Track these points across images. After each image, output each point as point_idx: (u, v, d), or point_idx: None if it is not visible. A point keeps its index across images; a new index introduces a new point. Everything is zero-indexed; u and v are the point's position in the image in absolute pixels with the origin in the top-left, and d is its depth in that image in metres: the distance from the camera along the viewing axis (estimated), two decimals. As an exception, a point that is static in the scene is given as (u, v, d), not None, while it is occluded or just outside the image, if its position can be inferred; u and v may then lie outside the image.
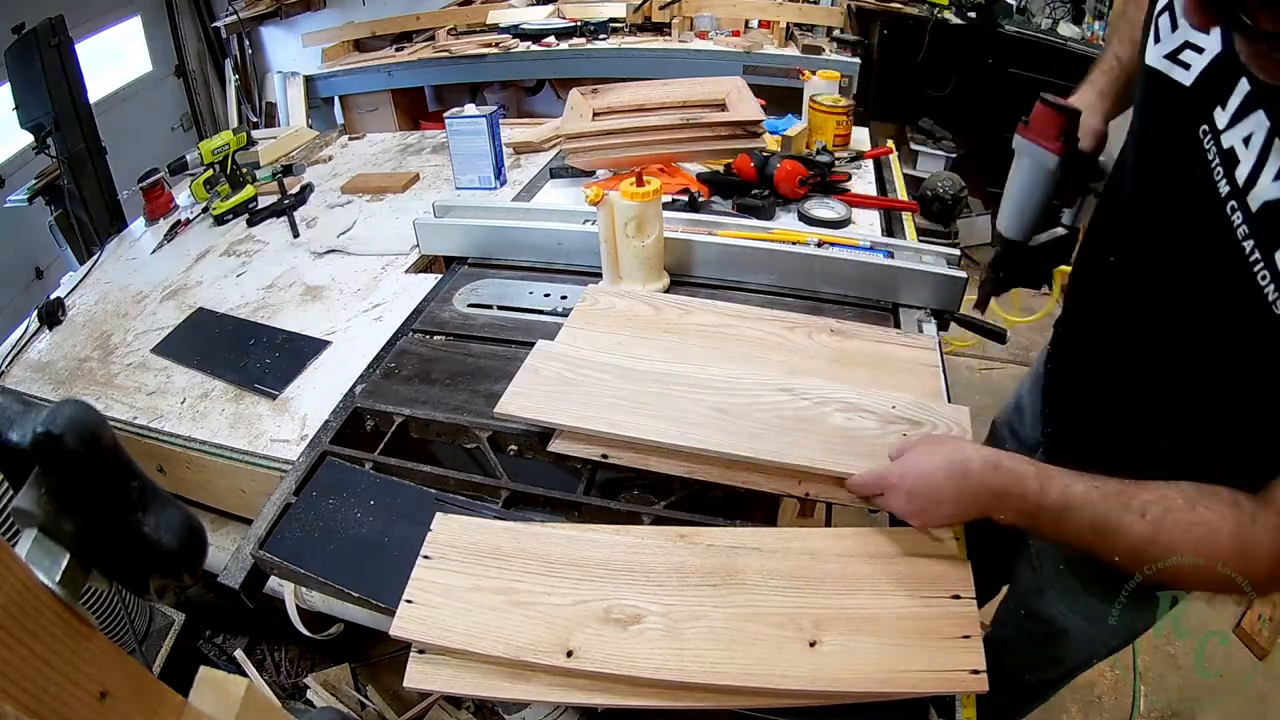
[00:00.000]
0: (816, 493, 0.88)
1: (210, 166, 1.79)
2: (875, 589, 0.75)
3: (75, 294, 1.63)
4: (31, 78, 1.86)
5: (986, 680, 0.67)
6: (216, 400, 1.21)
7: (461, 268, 1.40)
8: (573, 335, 1.09)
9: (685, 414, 0.92)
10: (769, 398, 0.95)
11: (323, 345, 1.29)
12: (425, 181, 1.93)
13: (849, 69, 2.89)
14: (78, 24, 2.25)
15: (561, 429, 0.95)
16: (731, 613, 0.73)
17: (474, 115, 1.73)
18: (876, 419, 0.91)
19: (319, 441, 1.02)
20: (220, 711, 0.39)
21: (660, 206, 1.19)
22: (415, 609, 0.74)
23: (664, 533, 0.83)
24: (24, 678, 0.29)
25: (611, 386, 0.97)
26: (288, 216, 1.76)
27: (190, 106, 3.79)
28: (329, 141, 2.32)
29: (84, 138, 1.97)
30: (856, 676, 0.68)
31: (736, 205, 1.55)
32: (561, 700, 0.72)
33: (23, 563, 0.31)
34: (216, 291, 1.52)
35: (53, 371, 1.37)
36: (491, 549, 0.80)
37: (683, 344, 1.08)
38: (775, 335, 1.10)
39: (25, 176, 2.23)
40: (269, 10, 3.65)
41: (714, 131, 1.63)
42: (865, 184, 1.70)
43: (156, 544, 0.36)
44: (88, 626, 0.33)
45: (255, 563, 0.87)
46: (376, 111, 3.55)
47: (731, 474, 0.90)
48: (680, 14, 3.22)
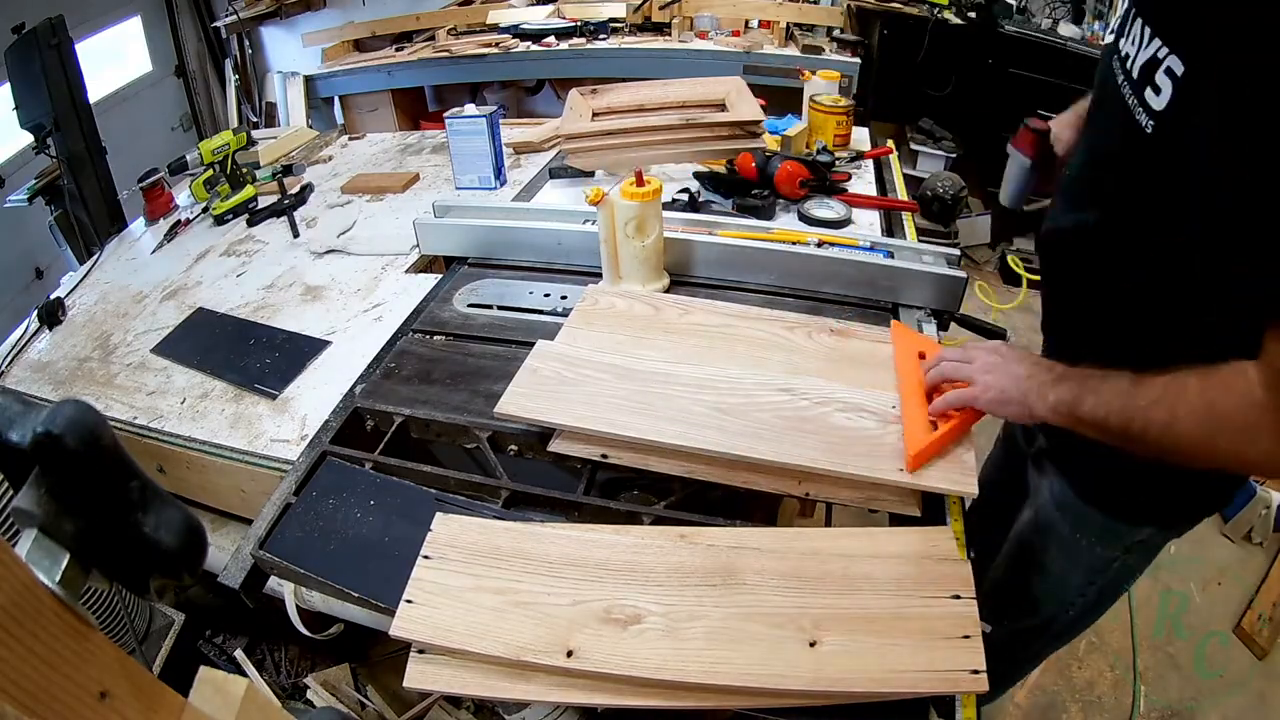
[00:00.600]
0: (816, 493, 0.88)
1: (210, 166, 1.79)
2: (875, 589, 0.75)
3: (75, 294, 1.63)
4: (31, 78, 1.87)
5: (986, 680, 0.67)
6: (216, 400, 1.21)
7: (461, 268, 1.40)
8: (572, 335, 1.09)
9: (685, 414, 0.92)
10: (769, 398, 0.95)
11: (323, 345, 1.29)
12: (425, 181, 1.93)
13: (849, 69, 2.89)
14: (78, 24, 2.25)
15: (561, 429, 0.95)
16: (731, 613, 0.73)
17: (474, 115, 1.73)
18: (876, 419, 0.91)
19: (319, 441, 1.02)
20: (220, 711, 0.39)
21: (660, 206, 1.19)
22: (415, 609, 0.75)
23: (664, 533, 0.83)
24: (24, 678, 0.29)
25: (611, 386, 0.97)
26: (288, 216, 1.76)
27: (190, 106, 3.80)
28: (329, 141, 2.32)
29: (84, 138, 1.98)
30: (856, 676, 0.68)
31: (736, 205, 1.55)
32: (561, 700, 0.72)
33: (23, 563, 0.31)
34: (216, 291, 1.52)
35: (53, 371, 1.37)
36: (491, 549, 0.80)
37: (682, 344, 1.08)
38: (775, 335, 1.09)
39: (25, 176, 2.24)
40: (269, 10, 3.65)
41: (714, 131, 1.63)
42: (865, 184, 1.70)
43: (156, 544, 0.36)
44: (88, 626, 0.33)
45: (255, 563, 0.87)
46: (376, 111, 3.55)
47: (731, 474, 0.90)
48: (680, 14, 3.22)
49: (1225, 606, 2.02)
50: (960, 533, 0.85)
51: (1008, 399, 0.84)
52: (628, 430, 0.91)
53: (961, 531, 0.85)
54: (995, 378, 0.85)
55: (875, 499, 0.87)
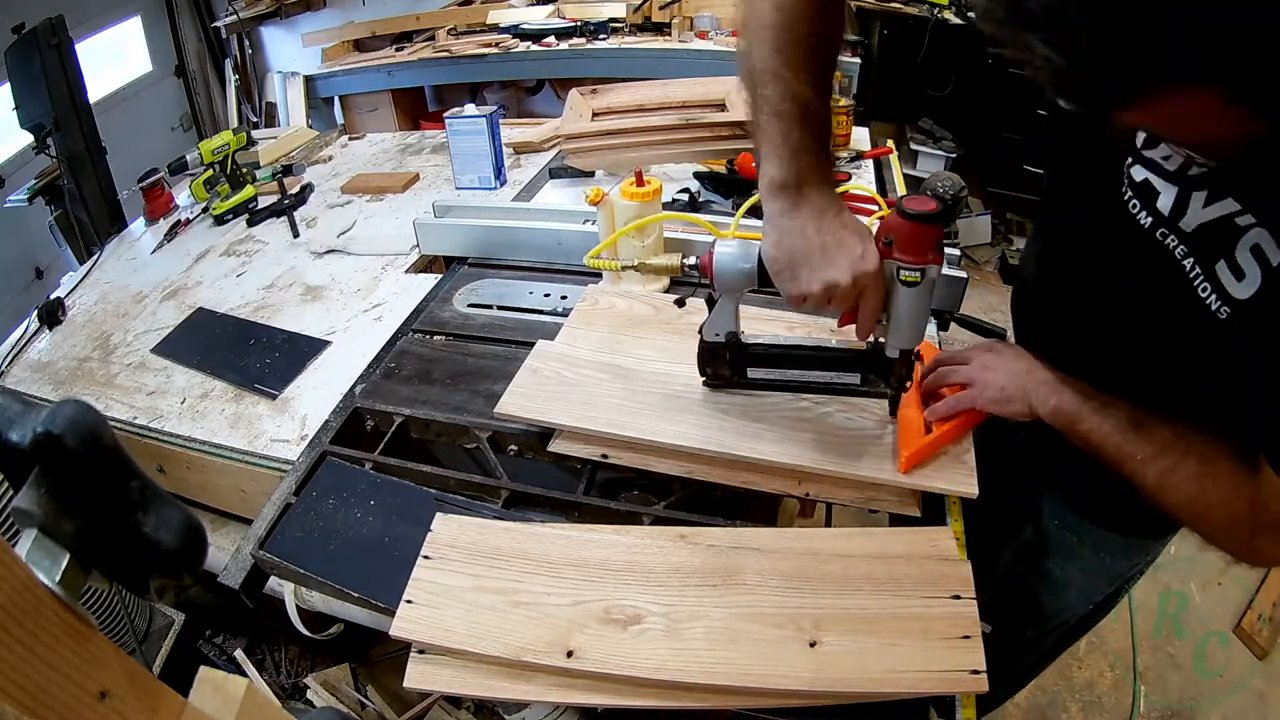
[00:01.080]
0: (817, 493, 0.88)
1: (210, 166, 1.79)
2: (875, 589, 0.75)
3: (75, 294, 1.63)
4: (31, 78, 1.87)
5: (986, 680, 0.67)
6: (216, 400, 1.21)
7: (461, 268, 1.40)
8: (572, 335, 1.09)
9: (685, 414, 0.92)
10: (770, 398, 0.95)
11: (323, 345, 1.29)
12: (425, 181, 1.93)
13: (849, 69, 2.88)
14: (78, 24, 2.25)
15: (561, 429, 0.95)
16: (731, 613, 0.73)
17: (474, 115, 1.73)
18: (876, 419, 0.91)
19: (319, 441, 1.02)
20: (220, 711, 0.39)
21: (660, 207, 1.19)
22: (415, 609, 0.75)
23: (664, 533, 0.83)
24: (24, 678, 0.29)
25: (611, 386, 0.97)
26: (288, 216, 1.76)
27: (190, 106, 3.79)
28: (329, 141, 2.32)
29: (84, 138, 1.98)
30: (856, 677, 0.68)
31: (736, 205, 1.54)
32: (561, 700, 0.72)
33: (23, 563, 0.31)
34: (216, 291, 1.52)
35: (53, 371, 1.37)
36: (491, 549, 0.80)
37: (682, 344, 1.07)
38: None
39: (25, 176, 2.24)
40: (269, 10, 3.65)
41: (714, 131, 1.63)
42: (865, 184, 1.70)
43: (156, 544, 0.36)
44: (88, 626, 0.33)
45: (255, 563, 0.87)
46: (376, 111, 3.54)
47: (732, 474, 0.90)
48: (680, 14, 3.21)
49: (1225, 606, 2.02)
50: (960, 533, 0.84)
51: (1008, 396, 0.82)
52: (628, 430, 0.91)
53: (961, 531, 0.85)
54: (994, 375, 0.84)
55: (875, 499, 0.87)
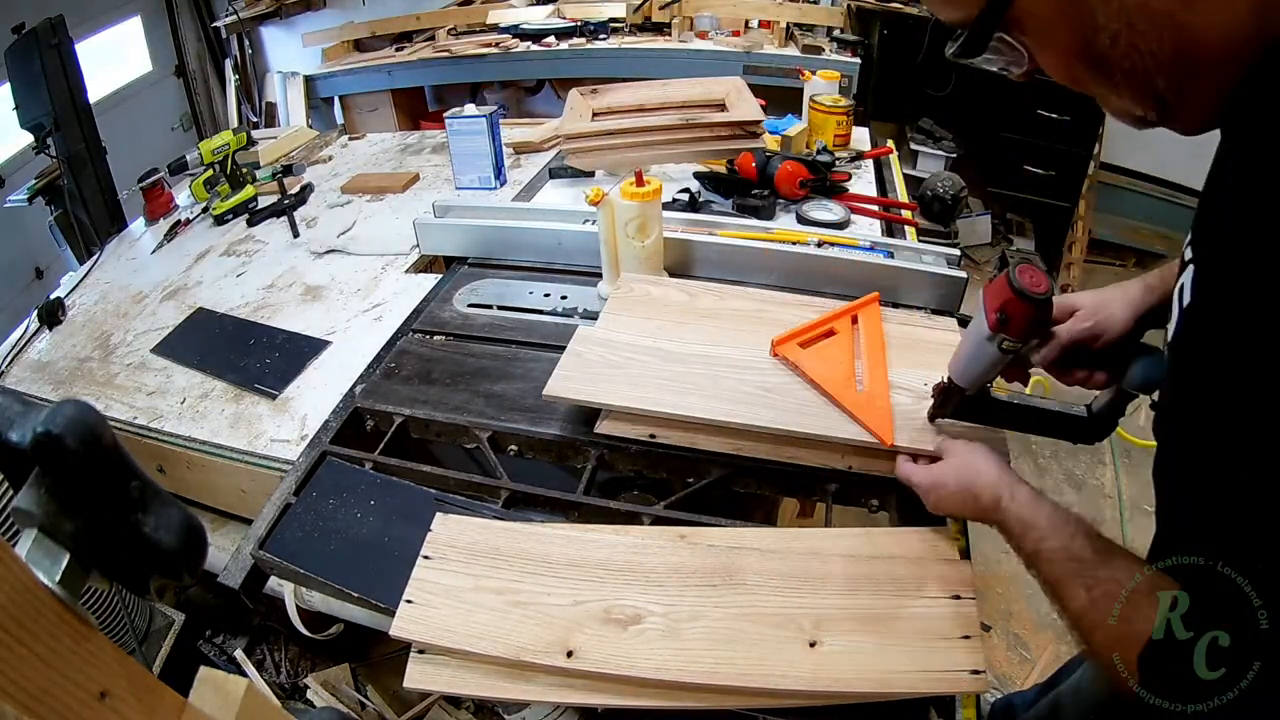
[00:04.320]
0: (859, 466, 0.91)
1: (210, 166, 1.79)
2: (875, 589, 0.75)
3: (75, 294, 1.63)
4: (31, 78, 1.87)
5: (986, 680, 0.67)
6: (216, 400, 1.21)
7: (461, 268, 1.40)
8: (612, 321, 1.11)
9: (733, 392, 0.94)
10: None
11: (323, 345, 1.29)
12: (425, 181, 1.93)
13: (849, 69, 2.89)
14: (78, 24, 2.24)
15: (609, 409, 0.96)
16: (731, 613, 0.74)
17: (474, 115, 1.73)
18: (911, 395, 0.94)
19: (319, 441, 1.02)
20: (220, 711, 0.39)
21: (660, 206, 1.19)
22: (415, 609, 0.75)
23: (664, 533, 0.83)
24: (24, 678, 0.29)
25: (656, 368, 0.99)
26: (288, 216, 1.76)
27: (190, 106, 3.79)
28: (329, 141, 2.32)
29: (84, 138, 1.98)
30: (856, 676, 0.68)
31: (736, 205, 1.55)
32: (561, 700, 0.72)
33: (23, 563, 0.31)
34: (216, 291, 1.52)
35: (53, 371, 1.37)
36: (491, 549, 0.80)
37: (721, 327, 1.09)
38: (809, 319, 1.10)
39: (25, 176, 2.23)
40: (269, 10, 3.64)
41: (714, 131, 1.63)
42: (865, 184, 1.70)
43: (156, 544, 0.36)
44: (88, 626, 0.33)
45: (255, 563, 0.87)
46: (376, 111, 3.55)
47: (778, 449, 0.92)
48: (680, 14, 3.21)
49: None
50: (960, 533, 0.85)
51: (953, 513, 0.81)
52: (679, 409, 0.92)
53: (961, 532, 0.85)
54: (947, 508, 0.81)
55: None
